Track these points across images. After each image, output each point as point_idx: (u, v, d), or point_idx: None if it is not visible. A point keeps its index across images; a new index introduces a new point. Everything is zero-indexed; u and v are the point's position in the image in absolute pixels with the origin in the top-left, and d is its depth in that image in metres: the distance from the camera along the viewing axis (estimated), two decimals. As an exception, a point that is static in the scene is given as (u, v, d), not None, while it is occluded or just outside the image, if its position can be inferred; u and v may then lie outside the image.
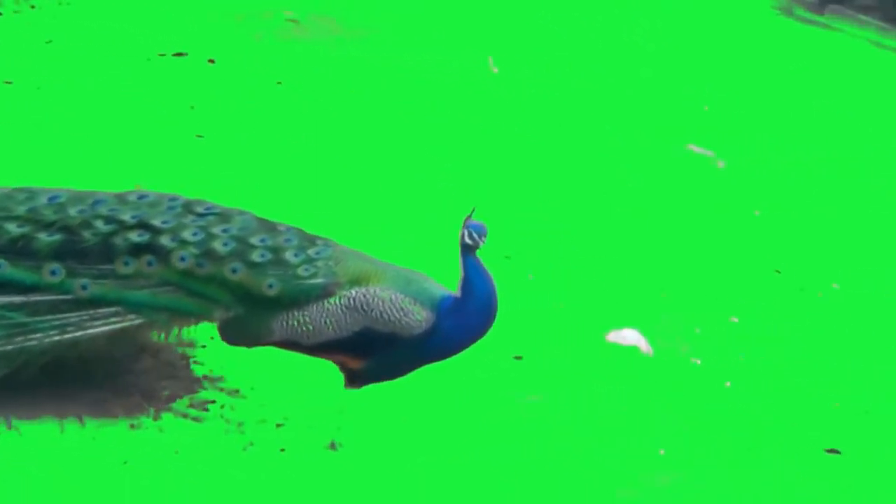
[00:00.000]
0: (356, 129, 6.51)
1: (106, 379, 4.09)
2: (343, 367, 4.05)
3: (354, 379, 4.05)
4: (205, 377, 4.31)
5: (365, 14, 7.85)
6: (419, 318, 3.96)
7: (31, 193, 4.03)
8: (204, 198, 4.15)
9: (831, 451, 4.70)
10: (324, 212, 5.43)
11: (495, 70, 7.42)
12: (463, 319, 3.99)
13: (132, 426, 3.99)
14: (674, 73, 7.86)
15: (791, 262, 6.00)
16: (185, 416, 4.10)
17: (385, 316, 3.95)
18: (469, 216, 4.01)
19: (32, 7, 7.08)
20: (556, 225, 5.92)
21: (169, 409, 4.10)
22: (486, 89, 7.20)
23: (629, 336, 5.08)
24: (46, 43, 6.78)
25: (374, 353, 3.98)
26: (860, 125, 7.40)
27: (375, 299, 3.96)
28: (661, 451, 4.56)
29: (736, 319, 5.47)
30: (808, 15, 9.52)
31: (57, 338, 3.80)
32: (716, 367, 5.10)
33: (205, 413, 4.14)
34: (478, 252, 3.96)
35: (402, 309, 3.96)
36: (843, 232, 6.33)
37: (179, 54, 6.91)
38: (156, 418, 4.05)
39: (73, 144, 5.91)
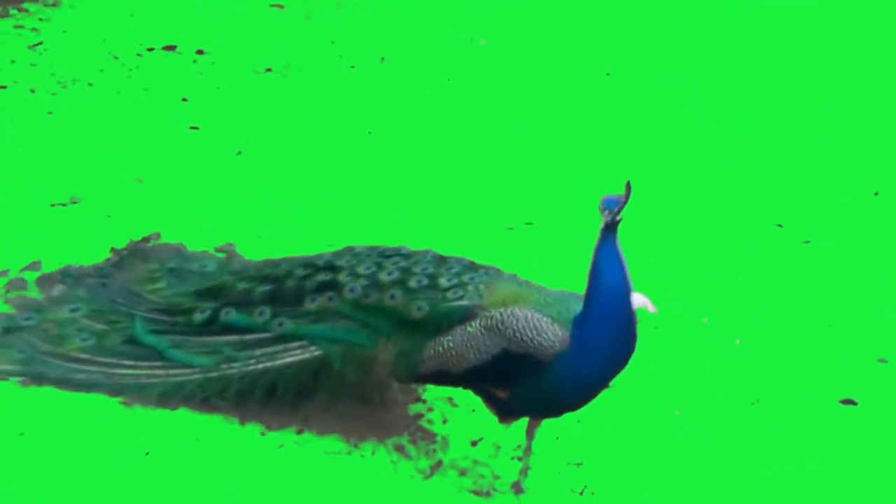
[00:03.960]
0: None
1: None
2: (491, 400, 3.95)
3: (505, 414, 3.96)
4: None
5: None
6: (552, 337, 3.77)
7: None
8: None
9: (846, 401, 4.69)
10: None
11: (482, 42, 7.37)
12: (594, 327, 3.74)
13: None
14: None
15: (793, 215, 5.97)
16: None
17: (518, 335, 3.80)
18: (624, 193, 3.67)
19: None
20: (558, 187, 5.91)
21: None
22: (470, 62, 7.16)
23: (636, 299, 5.05)
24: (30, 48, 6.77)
25: (518, 381, 3.84)
26: (862, 71, 7.35)
27: (511, 318, 3.83)
28: (676, 413, 4.55)
29: (741, 277, 5.45)
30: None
31: (252, 367, 4.18)
32: (724, 324, 5.08)
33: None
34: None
35: (535, 328, 3.79)
36: (842, 182, 6.30)
37: (171, 48, 6.87)
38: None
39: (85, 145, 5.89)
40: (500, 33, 7.42)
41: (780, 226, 5.87)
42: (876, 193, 6.20)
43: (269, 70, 6.79)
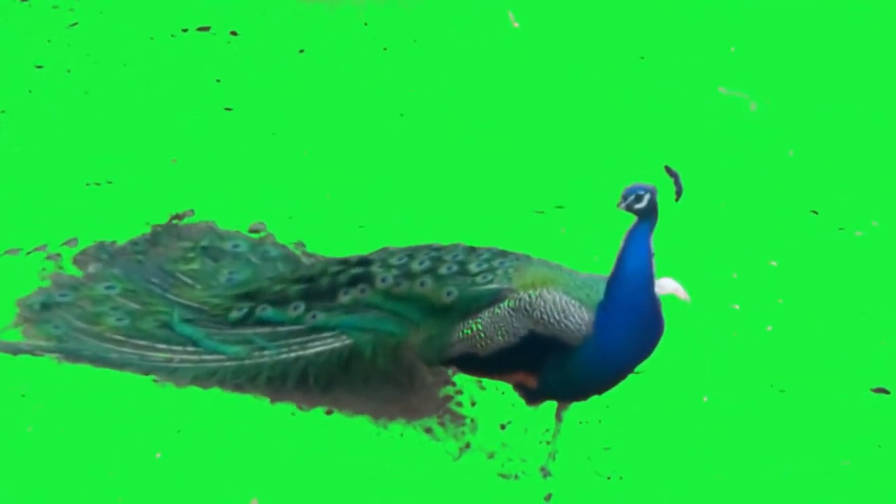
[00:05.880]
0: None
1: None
2: (521, 388, 3.97)
3: (534, 397, 3.96)
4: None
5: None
6: (579, 320, 3.76)
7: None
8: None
9: (878, 390, 4.65)
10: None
11: (516, 25, 7.33)
12: (614, 313, 3.72)
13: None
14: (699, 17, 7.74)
15: (828, 202, 5.91)
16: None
17: (545, 317, 3.80)
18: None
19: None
20: (590, 172, 5.89)
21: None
22: (503, 45, 7.13)
23: (667, 285, 5.03)
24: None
25: (545, 366, 3.84)
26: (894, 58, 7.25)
27: (538, 300, 3.82)
28: (705, 399, 4.54)
29: (775, 263, 5.41)
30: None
31: (284, 355, 4.23)
32: (756, 311, 5.05)
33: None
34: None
35: (562, 311, 3.78)
36: (879, 169, 6.23)
37: (205, 29, 6.91)
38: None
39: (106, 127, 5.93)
40: (534, 16, 7.39)
41: (814, 212, 5.81)
42: (913, 181, 6.13)
43: (301, 52, 6.81)
